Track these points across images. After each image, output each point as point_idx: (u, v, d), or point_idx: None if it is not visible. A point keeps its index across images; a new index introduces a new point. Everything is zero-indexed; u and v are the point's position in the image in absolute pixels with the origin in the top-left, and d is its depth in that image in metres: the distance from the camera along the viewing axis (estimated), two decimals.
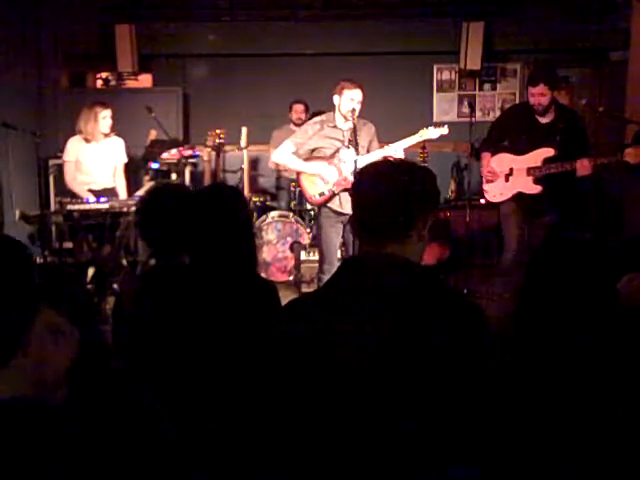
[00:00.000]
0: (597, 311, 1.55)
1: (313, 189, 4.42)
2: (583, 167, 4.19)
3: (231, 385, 1.91)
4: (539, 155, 4.40)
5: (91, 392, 1.04)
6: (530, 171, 4.44)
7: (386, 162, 1.56)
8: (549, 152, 4.37)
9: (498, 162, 4.62)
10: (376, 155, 4.24)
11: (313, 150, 4.42)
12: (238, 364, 1.91)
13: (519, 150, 4.51)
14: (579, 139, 4.42)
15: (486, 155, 4.69)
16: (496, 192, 4.64)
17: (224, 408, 1.90)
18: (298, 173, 4.53)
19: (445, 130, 4.45)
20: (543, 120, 4.45)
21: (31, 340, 1.00)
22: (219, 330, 1.95)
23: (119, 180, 5.32)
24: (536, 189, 4.44)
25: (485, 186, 4.70)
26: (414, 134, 4.44)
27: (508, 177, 4.56)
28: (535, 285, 1.65)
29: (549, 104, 4.38)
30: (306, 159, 4.44)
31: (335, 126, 4.36)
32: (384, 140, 4.46)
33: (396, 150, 4.26)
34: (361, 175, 1.60)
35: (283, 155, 4.46)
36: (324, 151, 4.39)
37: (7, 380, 0.98)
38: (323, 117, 4.43)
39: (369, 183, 1.52)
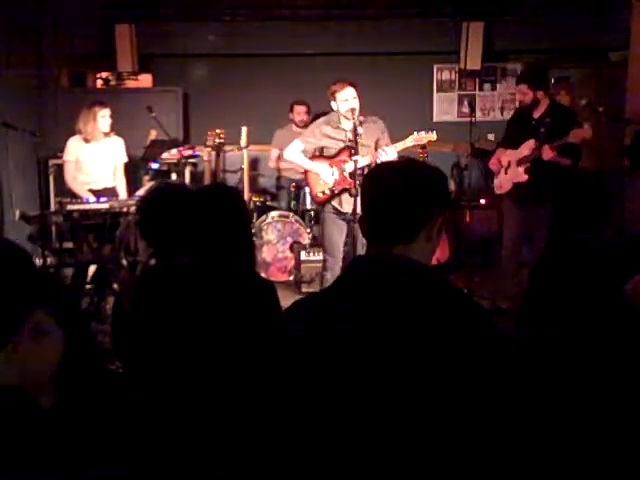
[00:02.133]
0: (602, 313, 1.55)
1: (317, 187, 4.58)
2: (545, 152, 4.54)
3: (231, 385, 1.91)
4: (526, 147, 4.73)
5: (80, 397, 1.04)
6: (520, 161, 4.78)
7: (395, 162, 1.56)
8: (532, 143, 4.68)
9: (501, 158, 4.96)
10: (367, 158, 4.30)
11: (321, 149, 4.57)
12: (237, 364, 1.91)
13: (515, 145, 4.85)
14: (565, 130, 4.62)
15: (498, 150, 5.06)
16: (499, 185, 4.99)
17: (224, 408, 1.90)
18: (306, 171, 4.69)
19: (433, 137, 4.53)
20: (535, 115, 4.78)
21: (23, 337, 1.00)
22: (218, 330, 1.95)
23: (119, 180, 5.32)
24: (524, 177, 4.75)
25: (495, 181, 5.05)
26: (410, 136, 4.50)
27: (507, 170, 4.91)
28: (539, 289, 1.65)
29: (534, 101, 4.73)
30: (311, 157, 4.59)
31: (338, 127, 4.45)
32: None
33: (388, 153, 4.30)
34: (370, 175, 1.60)
35: (293, 153, 4.63)
36: (329, 151, 4.53)
37: None
38: (328, 118, 4.53)
39: (377, 183, 1.51)
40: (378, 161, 4.25)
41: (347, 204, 4.44)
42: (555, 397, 1.52)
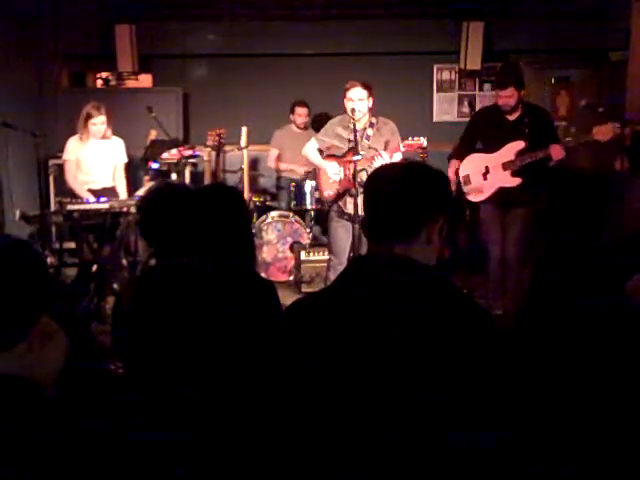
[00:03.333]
0: (603, 313, 1.55)
1: (326, 185, 4.61)
2: (556, 151, 4.33)
3: (232, 385, 1.91)
4: (511, 149, 4.55)
5: (81, 396, 1.05)
6: (505, 165, 4.58)
7: (398, 163, 1.58)
8: (520, 145, 4.52)
9: (472, 163, 4.74)
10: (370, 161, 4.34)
11: (331, 148, 4.58)
12: (238, 364, 1.91)
13: (491, 148, 4.67)
14: (547, 130, 4.59)
15: (452, 163, 4.82)
16: (477, 191, 4.76)
17: (224, 408, 1.90)
18: (318, 169, 4.73)
19: (421, 141, 4.44)
20: (511, 117, 4.62)
21: (34, 338, 1.01)
22: (218, 330, 1.95)
23: (119, 180, 5.32)
24: (516, 181, 4.57)
25: (465, 188, 4.80)
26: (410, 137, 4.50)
27: (486, 175, 4.68)
28: (541, 289, 1.66)
29: (517, 103, 4.57)
30: (323, 157, 4.63)
31: (348, 127, 4.43)
32: None
33: (383, 157, 4.31)
34: (373, 175, 1.63)
35: (310, 151, 4.69)
36: (339, 150, 4.54)
37: (8, 363, 0.99)
38: (342, 117, 4.53)
39: (379, 183, 1.54)
40: (374, 165, 4.25)
41: (350, 205, 4.45)
42: (554, 395, 1.52)
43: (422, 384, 1.34)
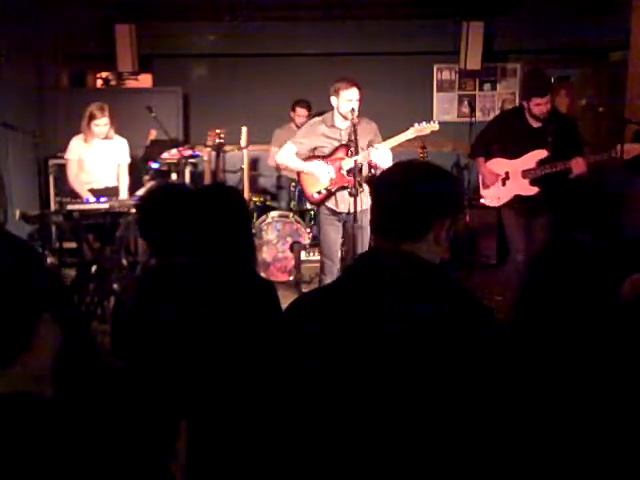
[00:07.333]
0: (599, 312, 1.55)
1: (312, 187, 4.49)
2: (578, 165, 4.26)
3: (232, 384, 1.91)
4: (533, 157, 4.47)
5: (78, 390, 1.03)
6: (525, 173, 4.50)
7: (409, 163, 1.57)
8: (542, 154, 4.43)
9: (494, 167, 4.66)
10: (366, 154, 4.27)
11: (314, 149, 4.48)
12: (238, 362, 1.91)
13: (513, 154, 4.57)
14: (571, 139, 4.48)
15: (481, 160, 4.72)
16: (493, 197, 4.67)
17: (224, 407, 1.90)
18: (299, 172, 4.60)
19: (435, 126, 4.41)
20: (534, 124, 4.50)
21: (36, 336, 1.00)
22: (218, 329, 1.95)
23: (123, 179, 5.32)
24: (533, 190, 4.49)
25: (483, 192, 4.72)
26: (412, 127, 4.43)
27: (505, 181, 4.61)
28: (535, 286, 1.65)
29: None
30: (306, 158, 4.51)
31: (333, 125, 4.40)
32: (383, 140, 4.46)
33: (380, 150, 4.25)
34: (383, 174, 1.64)
35: (285, 156, 4.55)
36: (323, 150, 4.45)
37: (12, 378, 0.98)
38: (324, 117, 4.47)
39: (390, 182, 1.55)
40: (371, 157, 4.24)
41: (343, 204, 4.39)
42: (552, 395, 1.52)
43: (426, 381, 1.33)
